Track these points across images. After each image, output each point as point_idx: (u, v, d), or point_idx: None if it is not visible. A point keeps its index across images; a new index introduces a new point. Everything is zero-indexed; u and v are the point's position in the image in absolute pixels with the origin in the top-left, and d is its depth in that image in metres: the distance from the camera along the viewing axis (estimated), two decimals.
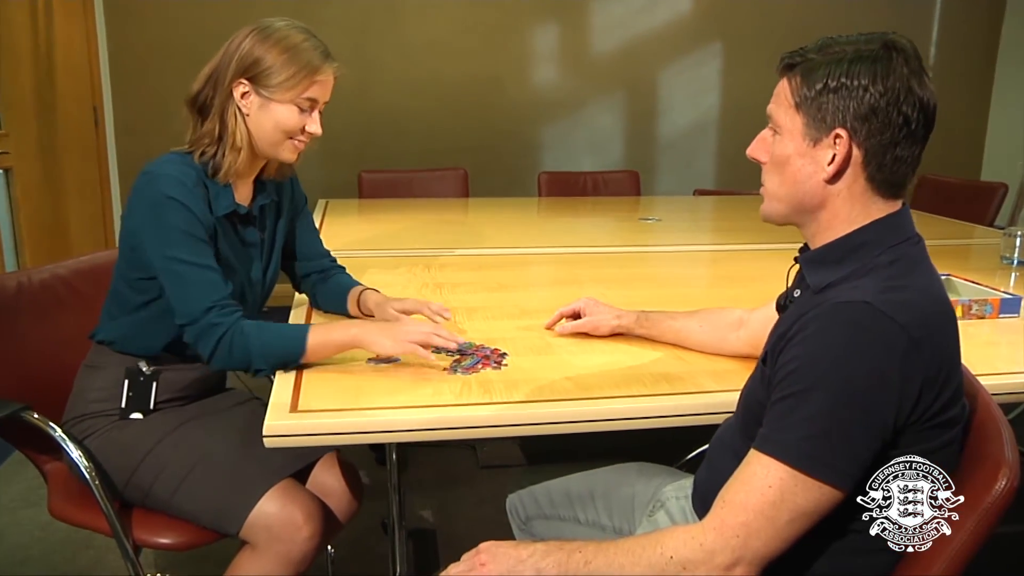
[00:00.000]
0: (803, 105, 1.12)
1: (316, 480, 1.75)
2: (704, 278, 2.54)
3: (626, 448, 1.68)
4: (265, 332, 1.54)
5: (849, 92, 1.08)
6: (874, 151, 1.10)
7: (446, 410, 1.38)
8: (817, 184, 1.13)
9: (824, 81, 1.10)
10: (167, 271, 1.55)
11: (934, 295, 1.09)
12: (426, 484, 2.93)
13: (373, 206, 3.77)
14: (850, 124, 1.09)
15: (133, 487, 1.65)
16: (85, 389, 1.73)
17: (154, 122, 4.53)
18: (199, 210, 1.58)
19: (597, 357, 1.65)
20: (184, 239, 1.55)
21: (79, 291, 1.95)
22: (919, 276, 1.10)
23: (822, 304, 1.06)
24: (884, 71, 1.07)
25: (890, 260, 1.10)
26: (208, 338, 1.53)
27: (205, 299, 1.54)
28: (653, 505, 1.47)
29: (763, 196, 1.22)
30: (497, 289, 2.25)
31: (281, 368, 1.54)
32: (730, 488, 1.05)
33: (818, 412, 1.00)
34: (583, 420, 1.40)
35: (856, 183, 1.12)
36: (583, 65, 5.18)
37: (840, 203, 1.13)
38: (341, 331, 1.56)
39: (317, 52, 1.61)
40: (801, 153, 1.13)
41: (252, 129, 1.63)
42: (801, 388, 1.02)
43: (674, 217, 3.61)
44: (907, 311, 1.02)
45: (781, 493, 1.00)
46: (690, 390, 1.47)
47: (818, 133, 1.11)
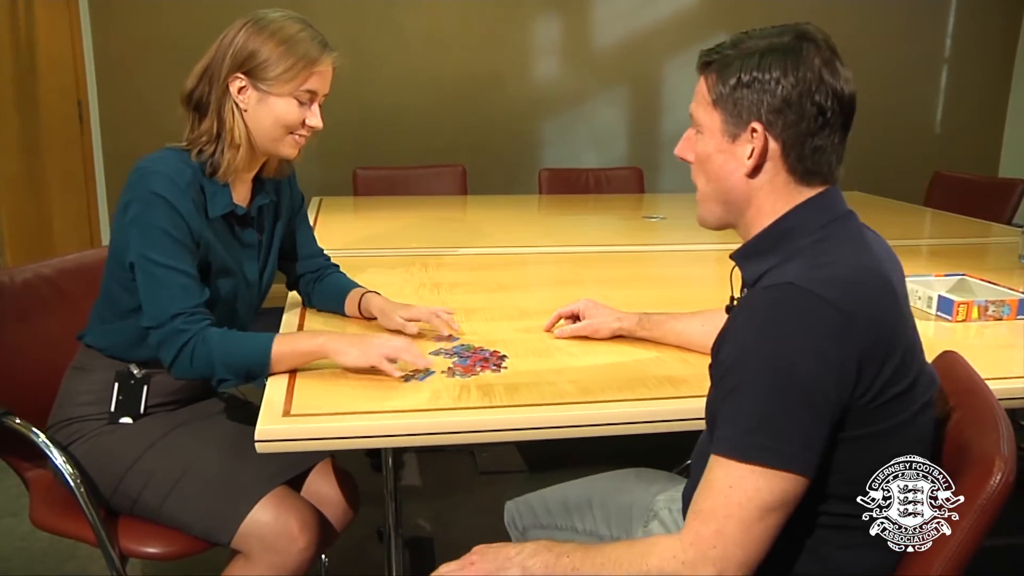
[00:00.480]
0: (720, 102, 1.15)
1: (311, 488, 1.75)
2: (710, 278, 2.55)
3: (629, 453, 1.68)
4: (229, 341, 1.54)
5: (762, 85, 1.11)
6: (791, 142, 1.12)
7: (444, 414, 1.39)
8: (740, 180, 1.16)
9: (737, 76, 1.13)
10: (142, 270, 1.56)
11: (865, 266, 1.10)
12: (423, 491, 2.93)
13: (369, 204, 3.78)
14: (765, 117, 1.12)
15: (120, 494, 1.65)
16: (72, 392, 1.73)
17: (142, 117, 4.54)
18: (187, 212, 1.58)
19: (599, 359, 1.66)
20: (164, 240, 1.55)
21: (64, 291, 1.95)
22: (848, 250, 1.12)
23: (750, 295, 1.08)
24: (795, 62, 1.10)
25: (816, 240, 1.12)
26: (171, 344, 1.54)
27: (174, 304, 1.54)
28: (648, 515, 1.48)
29: (697, 202, 1.25)
30: (496, 289, 2.25)
31: (247, 379, 1.55)
32: (698, 497, 1.06)
33: (758, 401, 1.01)
34: (585, 424, 1.41)
35: (778, 176, 1.15)
36: (585, 58, 5.19)
37: (764, 196, 1.16)
38: (307, 340, 1.57)
39: (315, 42, 1.61)
40: (721, 149, 1.17)
41: (251, 125, 1.63)
42: (738, 381, 1.03)
43: (679, 215, 3.62)
44: (834, 286, 1.03)
45: (743, 491, 1.01)
46: (695, 393, 1.48)
47: (736, 129, 1.15)
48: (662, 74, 5.28)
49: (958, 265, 2.40)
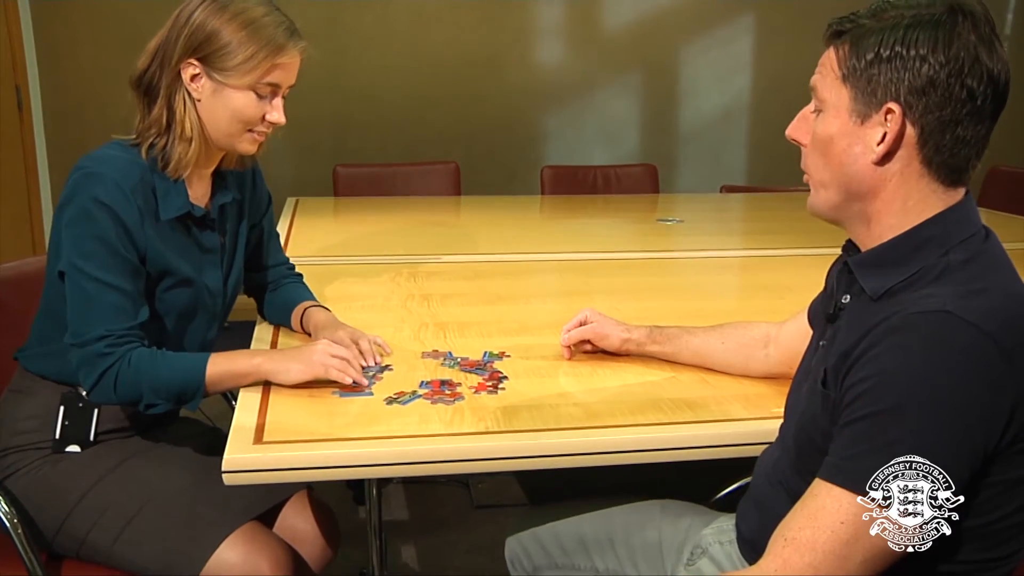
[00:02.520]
0: (851, 77, 1.13)
1: (285, 523, 1.76)
2: (732, 288, 2.56)
3: (643, 484, 1.69)
4: (158, 364, 1.56)
5: (904, 62, 1.09)
6: (931, 129, 1.10)
7: (434, 441, 1.40)
8: (865, 167, 1.14)
9: (876, 50, 1.10)
10: (72, 281, 1.57)
11: (1020, 297, 1.10)
12: (412, 527, 2.93)
13: (350, 205, 3.79)
14: (904, 98, 1.10)
15: (65, 534, 1.65)
16: (10, 419, 1.72)
17: (90, 104, 4.55)
18: (132, 220, 1.58)
19: (608, 380, 1.67)
20: (100, 251, 1.56)
21: (2, 304, 1.95)
22: (1000, 276, 1.12)
23: (892, 316, 1.07)
24: (947, 38, 1.08)
25: (963, 259, 1.11)
26: (91, 368, 1.55)
27: (102, 325, 1.56)
28: (692, 551, 1.48)
29: (809, 187, 1.23)
30: (494, 301, 2.27)
31: (178, 403, 1.58)
32: (793, 523, 1.05)
33: (898, 438, 1.00)
34: (592, 452, 1.42)
35: (910, 166, 1.13)
36: (593, 42, 5.20)
37: (893, 189, 1.14)
38: (244, 360, 1.59)
39: (280, 28, 1.61)
40: (847, 132, 1.15)
41: (204, 117, 1.64)
42: (876, 410, 1.03)
43: (698, 218, 3.63)
44: (993, 318, 1.03)
45: (856, 530, 1.01)
46: (716, 417, 1.49)
47: (867, 109, 1.13)
48: (679, 60, 5.29)
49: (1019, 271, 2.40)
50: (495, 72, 5.10)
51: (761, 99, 5.35)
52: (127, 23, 4.47)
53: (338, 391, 1.56)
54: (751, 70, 5.34)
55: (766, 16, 5.22)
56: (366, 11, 4.91)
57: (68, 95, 4.70)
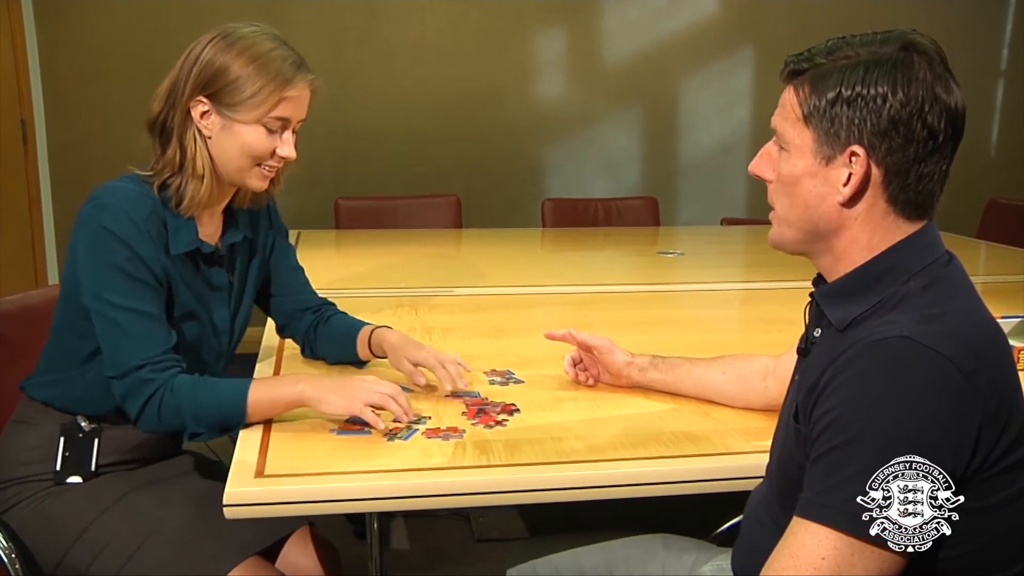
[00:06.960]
0: (813, 117, 1.14)
1: (287, 559, 1.75)
2: (734, 321, 2.57)
3: (645, 518, 1.68)
4: (200, 391, 1.56)
5: (866, 103, 1.10)
6: (896, 169, 1.12)
7: (436, 474, 1.40)
8: (831, 208, 1.15)
9: (837, 90, 1.12)
10: (100, 315, 1.58)
11: (980, 319, 1.11)
12: (413, 561, 2.92)
13: (352, 238, 3.81)
14: (867, 140, 1.11)
15: (67, 568, 1.64)
16: (13, 449, 1.72)
17: (94, 138, 4.58)
18: (145, 250, 1.59)
19: (610, 412, 1.68)
20: (121, 279, 1.57)
21: (5, 338, 1.95)
22: (959, 300, 1.12)
23: (853, 345, 1.08)
24: (905, 78, 1.09)
25: (923, 285, 1.12)
26: (136, 396, 1.55)
27: (138, 353, 1.56)
28: None
29: (772, 221, 1.24)
30: (495, 334, 2.28)
31: (222, 432, 1.56)
32: (777, 564, 1.06)
33: (866, 467, 1.01)
34: (595, 486, 1.42)
35: (876, 206, 1.14)
36: (594, 75, 5.24)
37: (858, 228, 1.16)
38: (287, 387, 1.59)
39: (288, 62, 1.62)
40: (812, 173, 1.16)
41: (215, 154, 1.64)
42: (842, 441, 1.03)
43: (699, 251, 3.64)
44: (952, 341, 1.03)
45: (837, 565, 1.01)
46: (718, 451, 1.49)
47: (831, 151, 1.14)
48: (679, 93, 5.32)
49: (1016, 305, 2.41)
50: (496, 105, 5.13)
51: (761, 131, 5.32)
52: (132, 58, 4.51)
53: (336, 429, 1.56)
54: (750, 103, 5.37)
55: (765, 50, 5.24)
56: (368, 45, 4.95)
57: (73, 129, 4.72)
